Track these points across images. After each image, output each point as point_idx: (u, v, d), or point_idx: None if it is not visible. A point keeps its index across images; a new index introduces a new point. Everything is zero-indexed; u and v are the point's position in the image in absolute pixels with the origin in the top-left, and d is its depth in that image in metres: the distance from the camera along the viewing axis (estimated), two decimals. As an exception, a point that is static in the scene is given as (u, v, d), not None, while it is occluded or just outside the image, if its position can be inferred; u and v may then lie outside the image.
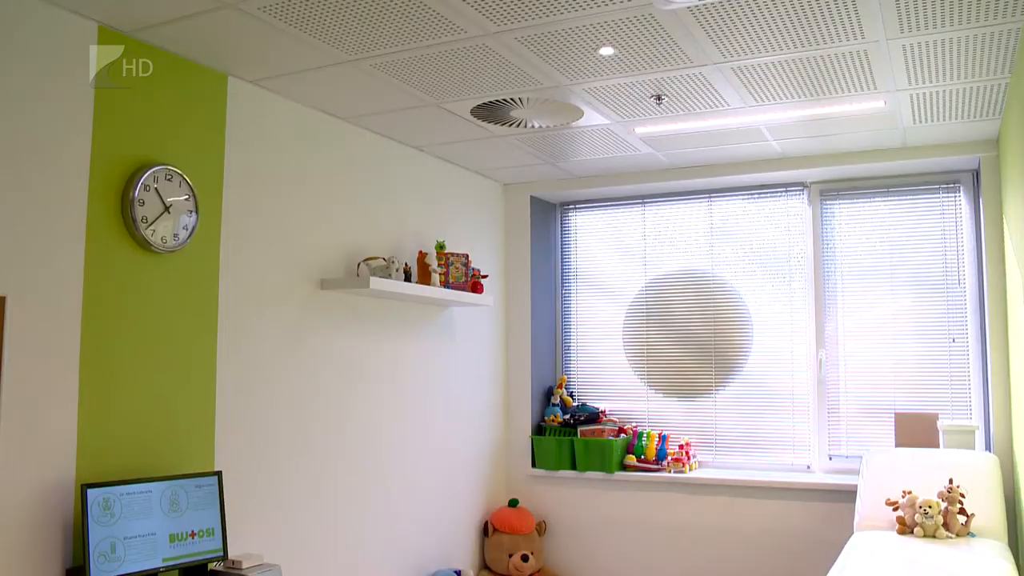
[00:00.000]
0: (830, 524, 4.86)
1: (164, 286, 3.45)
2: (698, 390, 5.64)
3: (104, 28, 3.22)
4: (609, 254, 5.98)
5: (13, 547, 2.90)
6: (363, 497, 4.51)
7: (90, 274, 3.16)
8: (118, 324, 3.27)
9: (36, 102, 3.00)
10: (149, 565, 3.14)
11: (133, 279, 3.32)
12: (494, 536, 5.46)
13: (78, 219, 3.13)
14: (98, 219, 3.19)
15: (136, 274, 3.34)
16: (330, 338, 4.33)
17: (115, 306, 3.25)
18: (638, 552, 5.47)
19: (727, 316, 5.56)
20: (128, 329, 3.31)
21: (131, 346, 3.32)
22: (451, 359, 5.29)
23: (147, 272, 3.38)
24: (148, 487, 3.18)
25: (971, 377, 4.96)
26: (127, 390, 3.29)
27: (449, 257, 4.91)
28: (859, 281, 5.27)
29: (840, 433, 5.26)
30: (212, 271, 3.68)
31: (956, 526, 3.91)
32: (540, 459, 5.76)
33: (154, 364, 3.41)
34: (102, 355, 3.20)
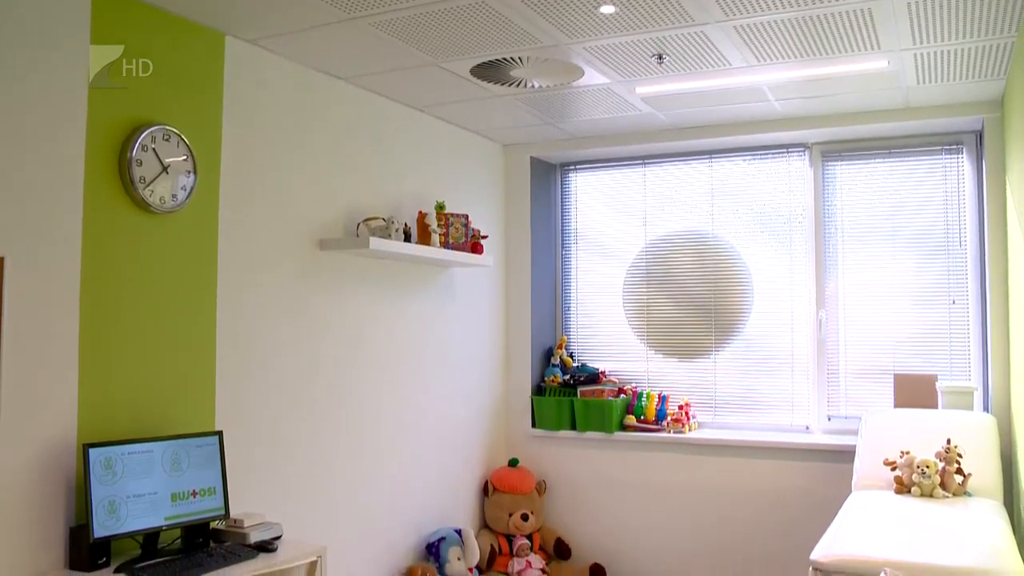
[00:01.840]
0: (828, 484, 4.89)
1: (163, 246, 3.45)
2: (698, 351, 5.65)
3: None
4: (609, 215, 5.96)
5: (17, 506, 2.93)
6: (364, 457, 4.54)
7: (88, 234, 3.15)
8: (117, 284, 3.26)
9: (31, 63, 2.98)
10: (151, 523, 3.16)
11: (132, 239, 3.32)
12: (494, 496, 5.50)
13: (75, 179, 3.11)
14: (96, 180, 3.18)
15: (135, 234, 3.33)
16: (330, 299, 4.33)
17: (114, 266, 3.25)
18: (637, 511, 5.51)
19: (727, 277, 5.56)
20: (127, 289, 3.31)
21: (131, 307, 3.32)
22: (451, 320, 5.30)
23: (146, 232, 3.37)
24: (149, 447, 3.20)
25: (970, 339, 4.96)
26: (127, 350, 3.30)
27: (449, 218, 4.90)
28: (860, 242, 5.26)
29: (839, 394, 5.28)
30: (211, 231, 3.67)
31: (953, 486, 3.93)
32: (540, 419, 5.78)
33: (154, 324, 3.41)
34: (102, 316, 3.20)
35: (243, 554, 3.20)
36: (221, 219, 3.71)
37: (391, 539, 4.74)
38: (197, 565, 3.03)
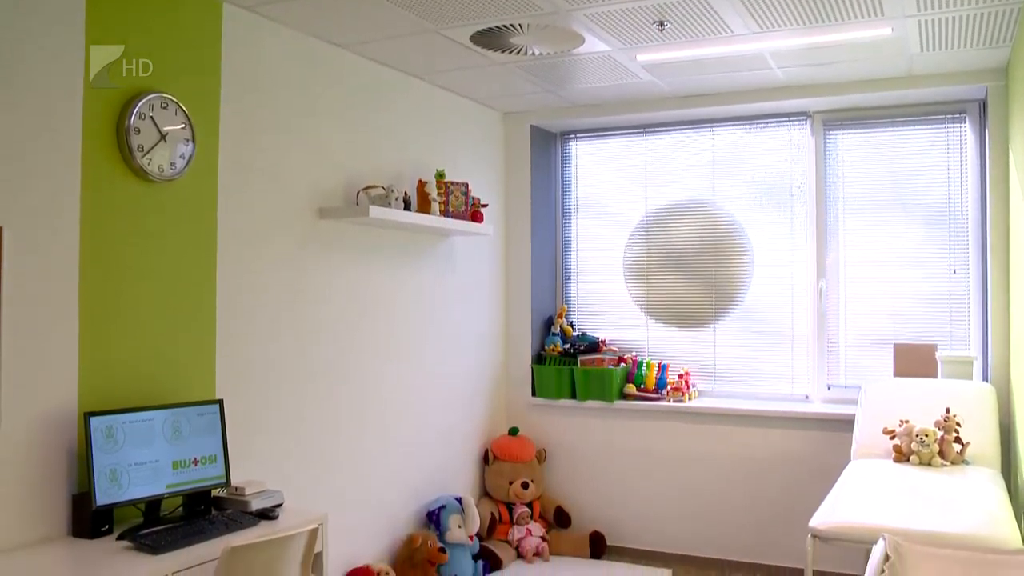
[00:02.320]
0: (827, 452, 4.91)
1: (162, 215, 3.44)
2: (698, 320, 5.65)
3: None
4: (610, 184, 5.94)
5: (20, 474, 2.94)
6: (364, 425, 4.55)
7: (87, 203, 3.14)
8: (116, 253, 3.26)
9: (26, 33, 2.95)
10: (153, 491, 3.18)
11: (130, 208, 3.30)
12: (494, 464, 5.52)
13: (72, 148, 3.09)
14: (93, 148, 3.16)
15: (133, 203, 3.31)
16: (329, 267, 4.32)
17: (113, 235, 3.24)
18: (637, 480, 5.54)
19: (727, 246, 5.54)
20: (126, 258, 3.30)
21: (130, 276, 3.31)
22: (451, 288, 5.30)
23: (144, 201, 3.36)
24: (150, 415, 3.21)
25: (970, 309, 4.96)
26: (127, 319, 3.30)
27: (449, 186, 4.88)
28: (861, 212, 5.24)
29: (839, 363, 5.29)
30: (210, 200, 3.65)
31: (951, 454, 3.95)
32: (540, 388, 5.80)
33: (153, 293, 3.41)
34: (101, 285, 3.20)
35: (245, 521, 3.22)
36: (220, 187, 3.70)
37: (392, 507, 4.76)
38: (199, 532, 3.05)
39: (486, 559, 5.06)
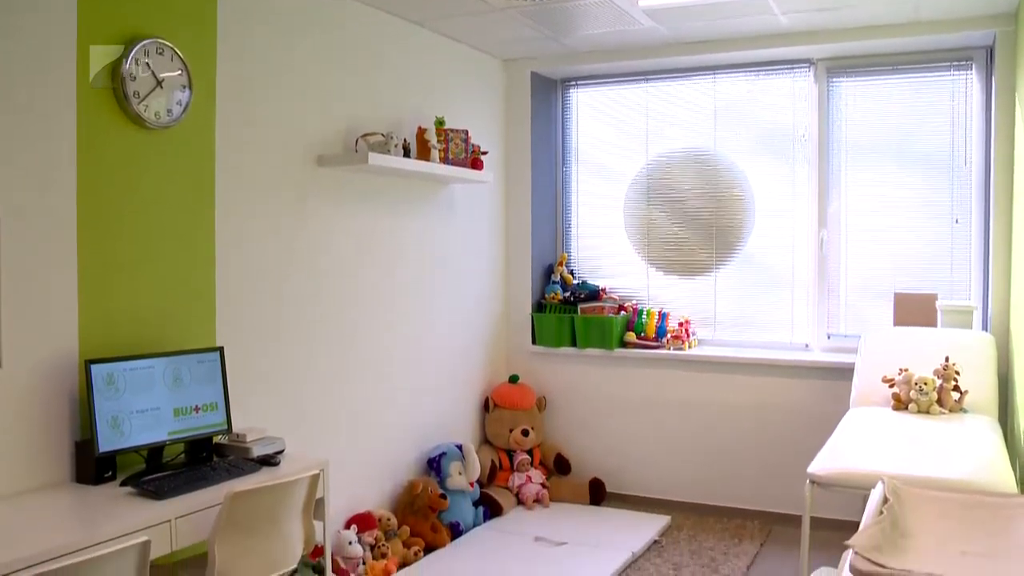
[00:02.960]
0: (827, 401, 4.94)
1: (160, 162, 3.41)
2: (698, 268, 5.64)
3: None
4: (611, 132, 5.89)
5: (23, 422, 2.96)
6: (365, 373, 4.57)
7: (83, 150, 3.12)
8: (114, 201, 3.24)
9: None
10: (155, 438, 3.20)
11: (128, 155, 3.28)
12: (495, 412, 5.55)
13: (68, 94, 3.06)
14: (88, 94, 3.12)
15: (131, 150, 3.29)
16: (329, 215, 4.30)
17: (110, 182, 3.22)
18: (637, 427, 5.58)
19: (729, 195, 5.52)
20: (125, 206, 3.28)
21: (128, 223, 3.30)
22: (451, 236, 5.28)
23: (142, 148, 3.33)
24: (151, 362, 3.22)
25: (971, 258, 4.95)
26: (126, 267, 3.29)
27: (448, 133, 4.84)
28: (863, 161, 5.20)
29: (839, 312, 5.29)
30: (208, 147, 3.63)
31: (950, 402, 3.97)
32: (540, 336, 5.81)
33: (153, 241, 3.39)
34: (99, 232, 3.19)
35: (246, 468, 3.24)
36: (218, 134, 3.67)
37: (392, 454, 4.80)
38: (201, 478, 3.07)
39: (486, 505, 5.12)
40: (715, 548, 4.76)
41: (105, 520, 2.70)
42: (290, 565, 3.13)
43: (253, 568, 2.97)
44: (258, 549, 2.98)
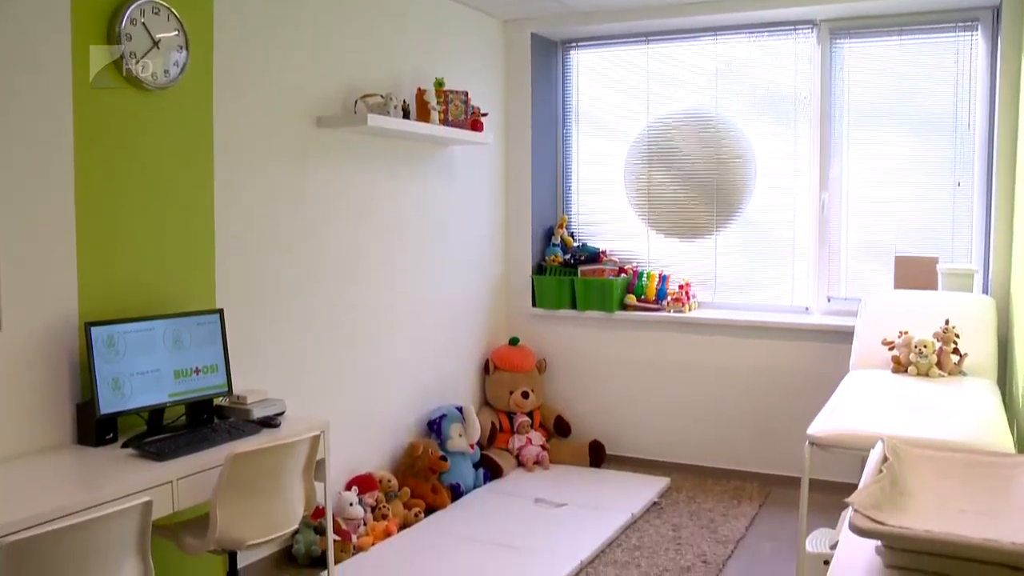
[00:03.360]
0: (827, 363, 4.94)
1: (157, 124, 3.39)
2: (699, 231, 5.63)
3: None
4: (612, 93, 5.84)
5: (24, 384, 2.97)
6: (365, 335, 4.57)
7: (80, 111, 3.09)
8: (112, 163, 3.22)
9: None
10: (156, 400, 3.21)
11: (125, 116, 3.25)
12: (495, 374, 5.56)
13: (63, 54, 3.03)
14: (84, 55, 3.09)
15: (128, 111, 3.26)
16: (328, 177, 4.28)
17: (108, 144, 3.20)
18: (637, 390, 5.59)
19: (730, 157, 5.48)
20: (123, 168, 3.26)
21: (126, 185, 3.28)
22: (451, 198, 5.26)
23: (139, 109, 3.31)
24: (151, 325, 3.22)
25: (973, 221, 4.93)
26: (125, 229, 3.28)
27: (448, 94, 4.80)
28: (866, 123, 5.17)
29: (839, 275, 5.28)
30: (206, 108, 3.60)
31: (949, 365, 3.97)
32: (540, 298, 5.81)
33: (151, 203, 3.38)
34: (97, 194, 3.17)
35: (247, 429, 3.25)
36: (216, 95, 3.64)
37: (393, 416, 4.82)
38: (202, 440, 3.08)
39: (487, 467, 5.14)
40: (714, 510, 4.79)
41: (107, 481, 2.71)
42: (291, 526, 3.15)
43: (255, 529, 3.00)
44: (259, 510, 3.00)
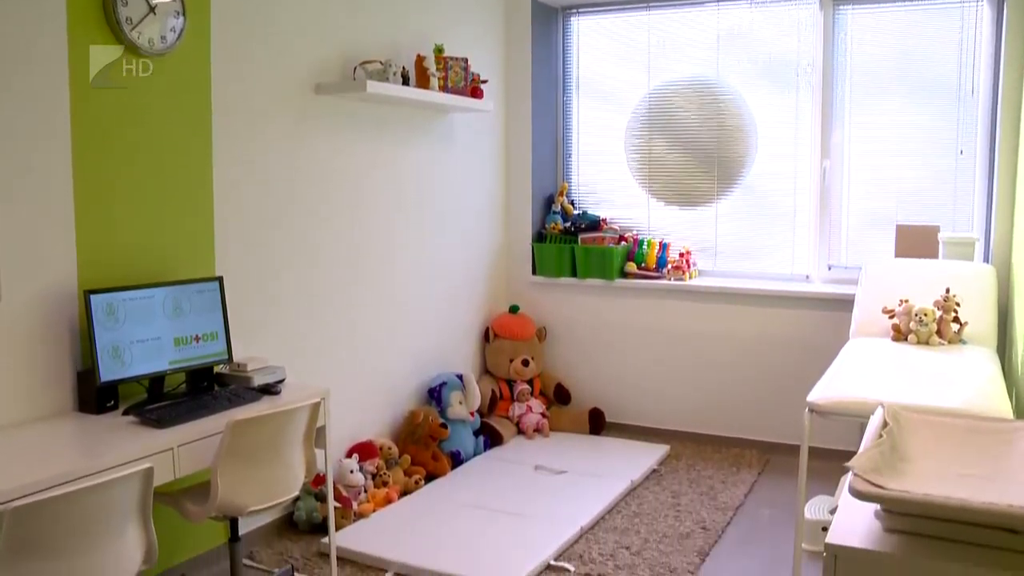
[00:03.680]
0: (827, 332, 4.95)
1: (155, 90, 3.36)
2: (700, 199, 5.61)
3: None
4: (613, 61, 5.80)
5: (24, 352, 2.97)
6: (365, 303, 4.57)
7: (75, 78, 3.07)
8: (109, 130, 3.20)
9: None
10: (156, 368, 3.21)
11: (123, 83, 3.23)
12: (495, 342, 5.57)
13: (58, 21, 3.00)
14: (79, 21, 3.06)
15: (124, 77, 3.24)
16: (327, 144, 4.26)
17: (105, 110, 3.18)
18: (637, 357, 5.60)
19: (731, 125, 5.45)
20: (120, 135, 3.24)
21: (124, 152, 3.26)
22: (451, 166, 5.24)
23: (137, 76, 3.28)
24: (150, 292, 3.21)
25: (975, 190, 4.91)
26: (123, 197, 3.27)
27: (448, 61, 4.77)
28: (868, 91, 5.13)
29: (840, 244, 5.27)
30: (203, 74, 3.57)
31: (949, 334, 3.97)
32: (541, 266, 5.80)
33: (149, 170, 3.36)
34: (95, 162, 3.16)
35: (247, 396, 3.26)
36: (213, 62, 3.61)
37: (393, 384, 4.83)
38: (203, 407, 3.09)
39: (487, 435, 5.16)
40: (713, 477, 4.82)
41: (108, 448, 2.72)
42: (292, 493, 3.16)
43: (255, 495, 3.01)
44: (260, 477, 3.01)
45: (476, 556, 3.73)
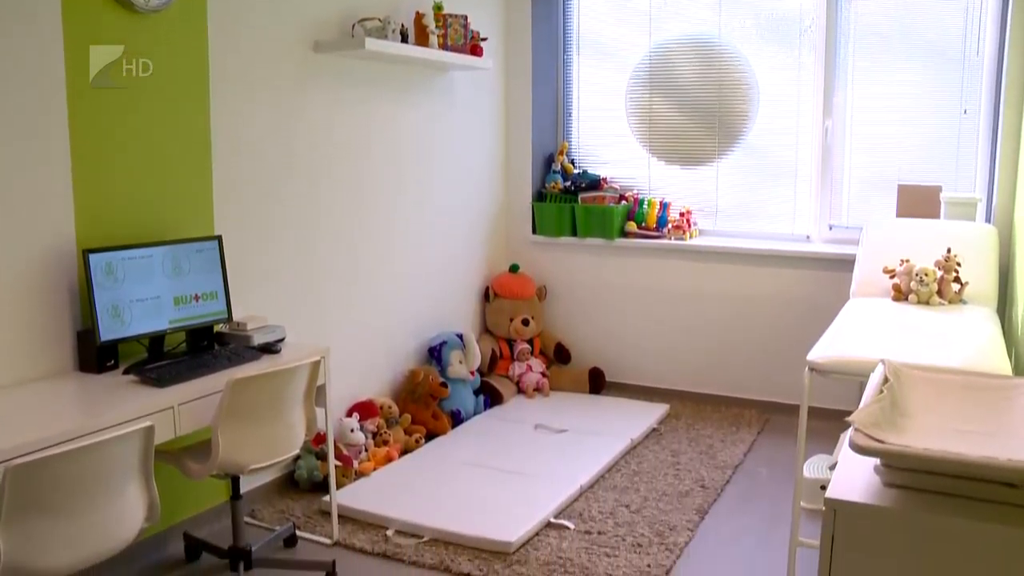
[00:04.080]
0: (827, 291, 4.94)
1: (151, 48, 3.33)
2: (700, 158, 5.57)
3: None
4: (613, 18, 5.73)
5: (25, 312, 2.97)
6: (365, 262, 4.56)
7: (70, 35, 3.03)
8: (105, 88, 3.17)
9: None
10: (156, 327, 3.21)
11: (117, 40, 3.19)
12: (495, 301, 5.57)
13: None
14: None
15: (120, 34, 3.20)
16: (327, 102, 4.23)
17: (99, 73, 3.15)
18: (637, 317, 5.60)
19: (733, 84, 5.40)
20: (117, 93, 3.21)
21: (121, 110, 3.24)
22: (451, 124, 5.20)
23: (132, 33, 3.25)
24: (149, 251, 3.20)
25: (978, 150, 4.88)
26: (120, 155, 3.25)
27: (447, 19, 4.72)
28: (871, 50, 5.07)
29: (841, 204, 5.25)
30: (200, 32, 3.53)
31: (949, 294, 3.96)
32: (541, 225, 5.79)
33: (146, 129, 3.34)
34: (91, 121, 3.13)
35: (247, 355, 3.26)
36: (210, 18, 3.57)
37: (394, 343, 4.83)
38: (203, 366, 3.09)
39: (487, 394, 5.18)
40: (713, 436, 4.84)
41: (109, 407, 2.73)
42: (293, 451, 3.18)
43: (256, 453, 3.02)
44: (260, 435, 3.02)
45: (476, 514, 3.75)
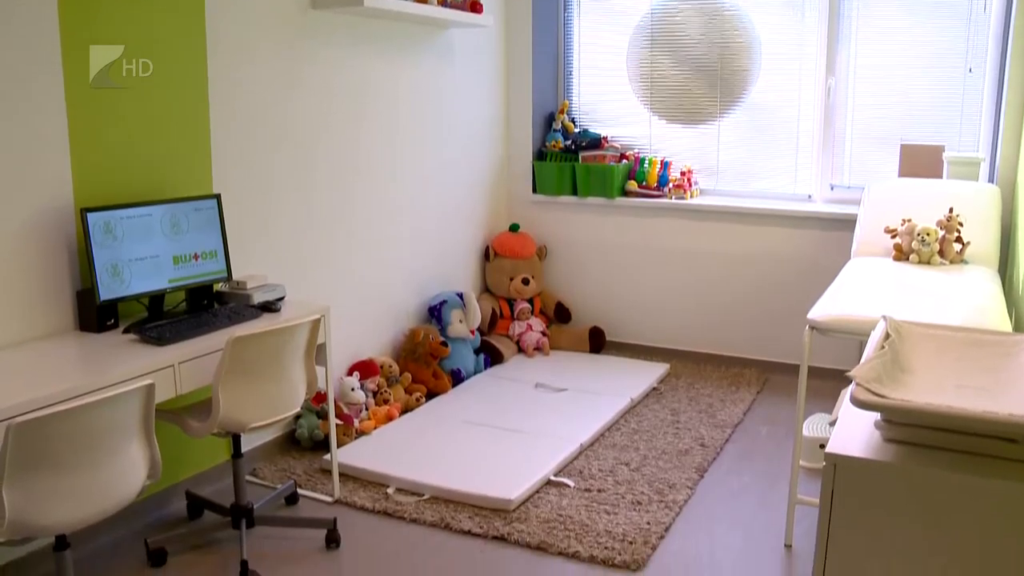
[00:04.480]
0: (828, 251, 4.93)
1: (148, 4, 3.29)
2: (702, 116, 5.53)
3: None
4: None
5: (23, 272, 2.96)
6: (364, 221, 4.54)
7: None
8: (101, 43, 3.14)
9: None
10: (155, 286, 3.20)
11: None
12: (495, 260, 5.56)
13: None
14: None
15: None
16: (325, 59, 4.19)
17: (96, 24, 3.11)
18: (637, 276, 5.59)
19: (734, 41, 5.35)
20: (112, 53, 3.18)
21: (116, 71, 3.20)
22: (451, 83, 5.16)
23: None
24: (148, 210, 3.19)
25: (983, 109, 4.84)
26: (117, 113, 3.22)
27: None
28: (876, 5, 5.02)
29: (843, 163, 5.22)
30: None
31: (951, 254, 3.95)
32: (541, 184, 5.76)
33: (142, 86, 3.31)
34: (87, 80, 3.10)
35: (247, 314, 3.26)
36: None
37: (393, 302, 4.83)
38: (203, 325, 3.09)
39: (487, 353, 5.19)
40: (712, 395, 4.85)
41: (109, 366, 2.73)
42: (293, 409, 3.18)
43: (257, 411, 3.03)
44: (261, 393, 3.02)
45: (477, 472, 3.77)
